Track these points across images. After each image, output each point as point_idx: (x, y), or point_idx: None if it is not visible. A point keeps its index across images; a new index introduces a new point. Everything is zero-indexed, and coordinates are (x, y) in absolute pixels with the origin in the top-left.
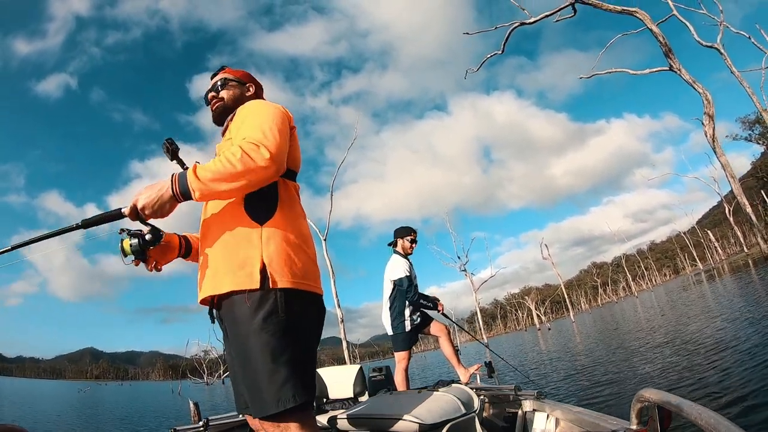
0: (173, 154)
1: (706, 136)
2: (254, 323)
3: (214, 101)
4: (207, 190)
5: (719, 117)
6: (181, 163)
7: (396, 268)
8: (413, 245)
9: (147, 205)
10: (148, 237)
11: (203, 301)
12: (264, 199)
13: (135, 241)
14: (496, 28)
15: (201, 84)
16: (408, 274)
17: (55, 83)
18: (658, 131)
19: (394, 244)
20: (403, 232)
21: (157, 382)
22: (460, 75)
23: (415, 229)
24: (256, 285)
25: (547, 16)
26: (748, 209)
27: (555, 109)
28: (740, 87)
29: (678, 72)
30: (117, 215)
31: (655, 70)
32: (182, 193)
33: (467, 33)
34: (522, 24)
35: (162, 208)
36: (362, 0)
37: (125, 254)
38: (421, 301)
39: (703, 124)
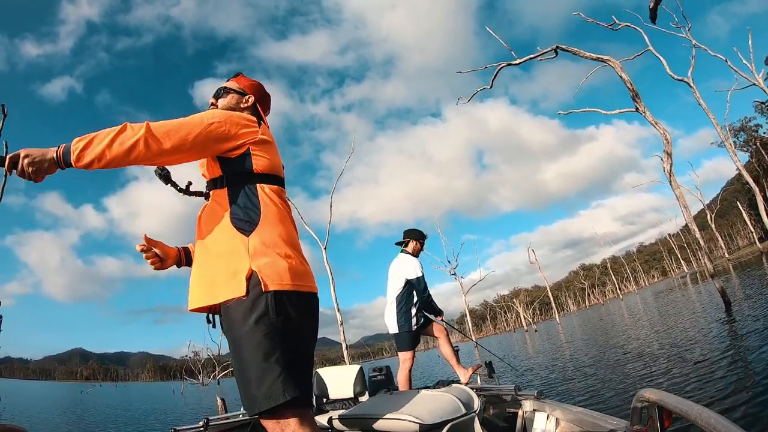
0: (166, 178)
1: (664, 171)
2: (247, 326)
3: (210, 107)
4: (88, 152)
5: (706, 125)
6: (175, 186)
7: (412, 267)
8: (422, 249)
9: (30, 154)
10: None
11: (196, 309)
12: (247, 211)
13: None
14: (485, 67)
15: (205, 90)
16: (423, 273)
17: (60, 86)
18: (646, 137)
19: (405, 245)
20: (417, 234)
21: (149, 383)
22: (456, 83)
23: (426, 233)
24: (244, 292)
25: (531, 58)
26: (697, 235)
27: (549, 115)
28: (725, 96)
29: (643, 114)
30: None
31: (623, 110)
32: (64, 153)
33: (460, 72)
34: (509, 64)
35: (41, 164)
36: (369, 11)
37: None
38: (431, 303)
39: (662, 160)
